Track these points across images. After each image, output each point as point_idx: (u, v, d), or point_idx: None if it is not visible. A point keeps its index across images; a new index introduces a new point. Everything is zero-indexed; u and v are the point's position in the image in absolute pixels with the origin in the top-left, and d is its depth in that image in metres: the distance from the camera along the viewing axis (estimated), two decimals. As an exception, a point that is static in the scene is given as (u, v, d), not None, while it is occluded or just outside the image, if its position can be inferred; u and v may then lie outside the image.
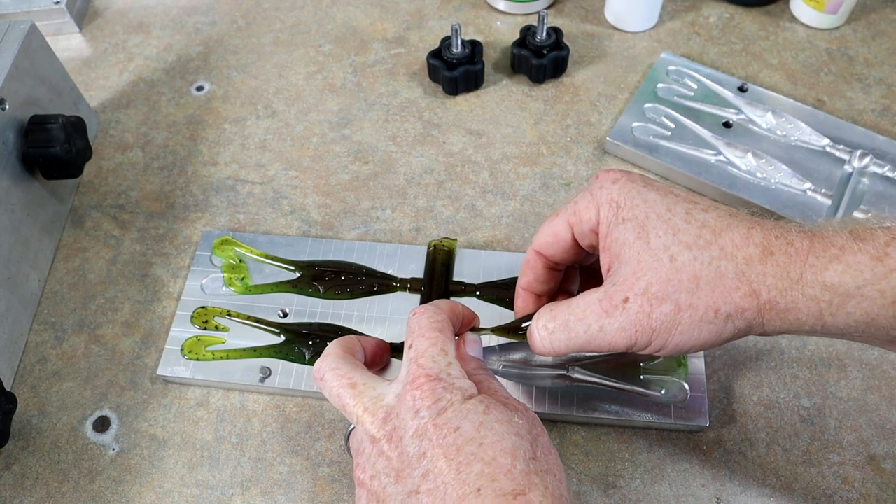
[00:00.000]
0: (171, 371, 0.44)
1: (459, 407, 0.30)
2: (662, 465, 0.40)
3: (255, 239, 0.49)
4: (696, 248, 0.30)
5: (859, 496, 0.39)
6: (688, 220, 0.31)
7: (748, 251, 0.30)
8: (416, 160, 0.54)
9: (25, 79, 0.48)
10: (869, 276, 0.27)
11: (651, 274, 0.30)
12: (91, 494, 0.41)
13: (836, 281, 0.28)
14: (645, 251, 0.31)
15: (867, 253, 0.28)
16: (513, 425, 0.30)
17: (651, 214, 0.31)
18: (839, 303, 0.28)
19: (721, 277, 0.30)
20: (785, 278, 0.29)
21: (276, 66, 0.62)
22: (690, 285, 0.30)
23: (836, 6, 0.58)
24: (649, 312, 0.30)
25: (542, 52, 0.56)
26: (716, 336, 0.30)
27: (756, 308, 0.30)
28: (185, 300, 0.47)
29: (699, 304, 0.30)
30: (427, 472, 0.29)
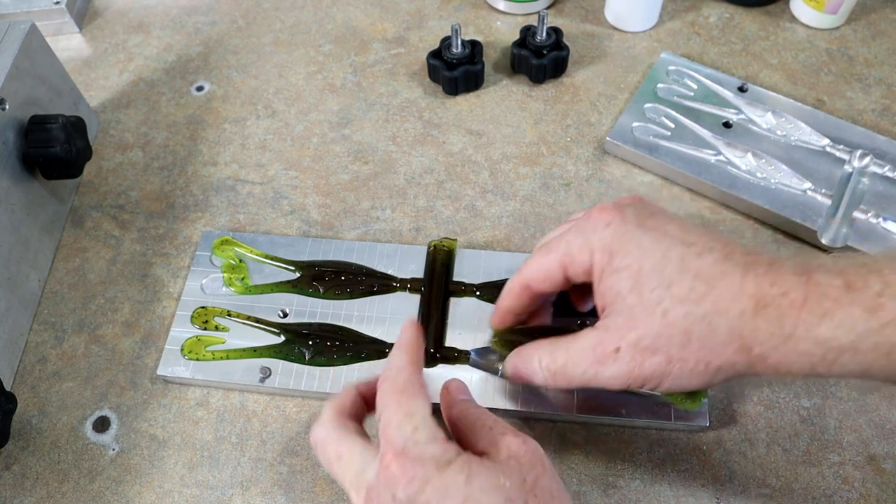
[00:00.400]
0: (171, 371, 0.44)
1: (437, 483, 0.28)
2: (662, 465, 0.40)
3: (255, 239, 0.49)
4: (688, 303, 0.30)
5: (859, 496, 0.39)
6: (682, 269, 0.31)
7: (741, 304, 0.30)
8: (416, 160, 0.54)
9: (25, 79, 0.48)
10: (862, 331, 0.27)
11: (643, 327, 0.31)
12: (91, 494, 0.41)
13: (830, 335, 0.28)
14: (638, 304, 0.31)
15: (860, 305, 0.27)
16: (501, 491, 0.29)
17: (645, 265, 0.31)
18: (832, 357, 0.28)
19: (713, 333, 0.30)
20: (777, 335, 0.29)
21: (276, 66, 0.62)
22: (682, 339, 0.30)
23: (836, 6, 0.58)
24: (641, 362, 0.31)
25: (542, 52, 0.56)
26: (706, 383, 0.31)
27: (747, 361, 0.30)
28: (185, 300, 0.47)
29: (690, 358, 0.30)
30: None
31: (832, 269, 0.29)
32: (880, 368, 0.28)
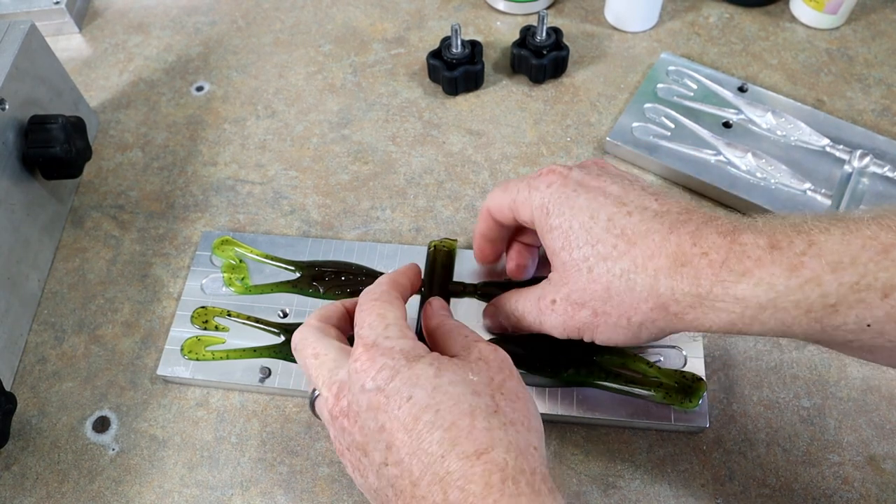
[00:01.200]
0: (170, 371, 0.44)
1: (407, 373, 0.30)
2: (662, 465, 0.40)
3: (255, 239, 0.49)
4: (610, 260, 0.32)
5: (859, 496, 0.39)
6: (608, 228, 0.32)
7: (658, 262, 0.31)
8: (416, 160, 0.54)
9: (25, 79, 0.48)
10: (782, 289, 0.27)
11: (572, 283, 0.34)
12: (91, 494, 0.41)
13: (748, 294, 0.28)
14: (568, 261, 0.34)
15: (782, 264, 0.28)
16: (468, 384, 0.30)
17: (574, 224, 0.33)
18: (752, 314, 0.28)
19: (631, 290, 0.31)
20: (693, 294, 0.30)
21: (276, 66, 0.62)
22: (604, 295, 0.32)
23: (836, 6, 0.58)
24: (572, 315, 0.34)
25: (542, 53, 0.56)
26: (633, 338, 0.33)
27: (665, 319, 0.31)
28: (185, 300, 0.47)
29: (612, 312, 0.32)
30: (389, 444, 0.29)
31: (760, 230, 0.29)
32: (801, 327, 0.28)
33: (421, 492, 0.28)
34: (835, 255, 0.27)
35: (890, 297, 0.26)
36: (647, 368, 0.41)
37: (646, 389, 0.41)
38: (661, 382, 0.41)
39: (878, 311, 0.26)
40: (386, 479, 0.29)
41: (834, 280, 0.26)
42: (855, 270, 0.26)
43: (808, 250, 0.27)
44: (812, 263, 0.27)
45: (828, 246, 0.27)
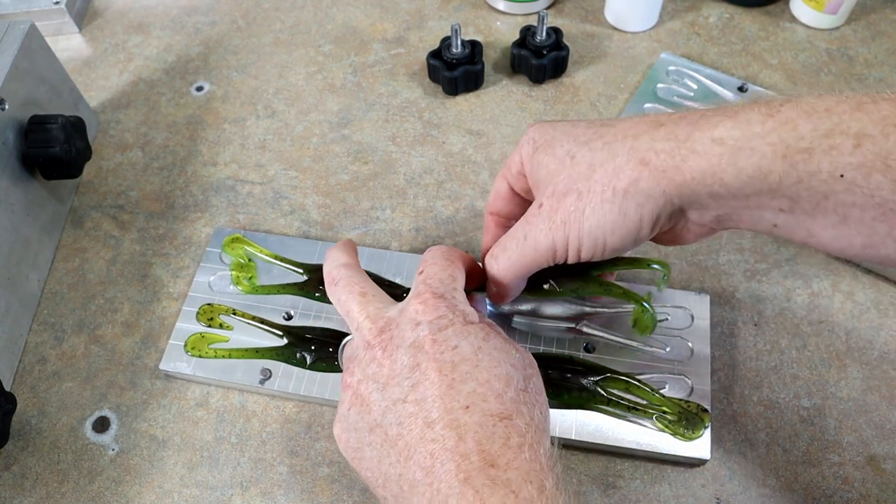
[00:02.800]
0: (173, 367, 0.44)
1: (461, 328, 0.31)
2: (662, 465, 0.40)
3: (265, 238, 0.49)
4: (591, 141, 0.33)
5: (859, 496, 0.39)
6: (588, 126, 0.34)
7: (639, 129, 0.32)
8: (416, 160, 0.54)
9: (25, 79, 0.48)
10: (759, 130, 0.28)
11: (556, 177, 0.33)
12: (91, 495, 0.41)
13: (726, 135, 0.29)
14: (552, 162, 0.34)
15: (760, 112, 0.28)
16: (509, 356, 0.31)
17: (557, 135, 0.34)
18: (729, 157, 0.28)
19: (613, 157, 0.32)
20: (672, 140, 0.30)
21: (276, 66, 0.62)
22: (587, 172, 0.32)
23: (836, 6, 0.58)
24: (557, 207, 0.33)
25: (542, 53, 0.56)
26: (622, 219, 0.31)
27: (649, 176, 0.30)
28: (192, 296, 0.47)
29: (596, 187, 0.32)
30: (417, 383, 0.30)
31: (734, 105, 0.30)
32: (778, 174, 0.28)
33: (433, 434, 0.28)
34: (810, 105, 0.27)
35: (862, 146, 0.26)
36: (651, 395, 0.40)
37: (647, 417, 0.40)
38: (664, 410, 0.40)
39: (850, 159, 0.26)
40: (395, 415, 0.30)
41: (808, 124, 0.27)
42: (829, 119, 0.27)
43: (786, 102, 0.28)
44: (788, 111, 0.28)
45: (805, 99, 0.28)
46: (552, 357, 0.42)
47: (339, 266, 0.37)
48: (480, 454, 0.27)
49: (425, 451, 0.28)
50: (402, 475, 0.29)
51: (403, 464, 0.29)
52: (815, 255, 0.47)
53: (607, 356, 0.42)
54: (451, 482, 0.27)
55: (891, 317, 0.45)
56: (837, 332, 0.44)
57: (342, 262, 0.37)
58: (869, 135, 0.26)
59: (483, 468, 0.27)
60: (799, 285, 0.46)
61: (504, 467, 0.27)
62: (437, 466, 0.27)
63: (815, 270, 0.47)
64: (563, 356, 0.42)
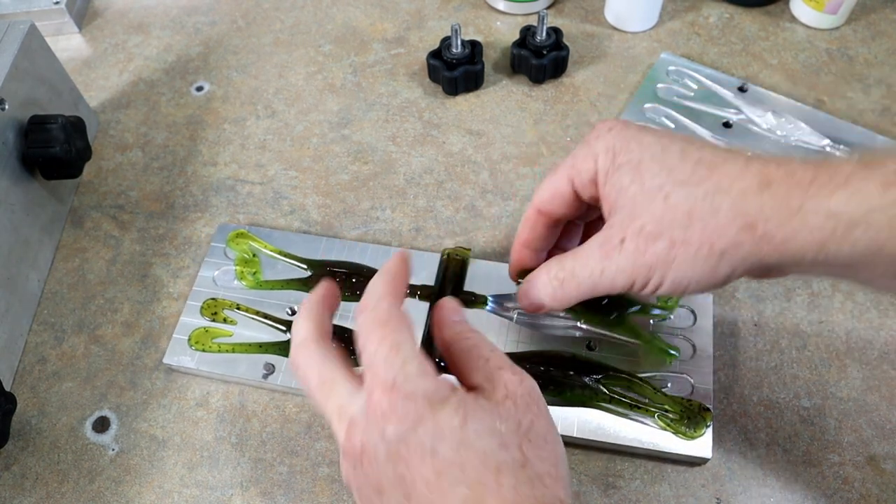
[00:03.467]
0: (176, 361, 0.44)
1: (431, 424, 0.27)
2: (662, 465, 0.40)
3: (269, 234, 0.49)
4: (690, 185, 0.30)
5: (859, 496, 0.39)
6: (683, 157, 0.31)
7: (745, 183, 0.29)
8: (416, 160, 0.54)
9: (25, 79, 0.48)
10: (877, 203, 0.26)
11: (646, 214, 0.30)
12: (91, 495, 0.41)
13: (842, 208, 0.27)
14: (640, 193, 0.31)
15: (875, 180, 0.26)
16: (495, 435, 0.27)
17: (645, 156, 0.31)
18: (844, 231, 0.27)
19: (716, 212, 0.29)
20: (784, 209, 0.28)
21: (276, 66, 0.62)
22: (685, 221, 0.30)
23: (836, 6, 0.58)
24: (644, 250, 0.30)
25: (542, 53, 0.56)
26: (711, 273, 0.30)
27: (752, 241, 0.29)
28: (196, 290, 0.47)
29: (693, 240, 0.30)
30: (408, 495, 0.27)
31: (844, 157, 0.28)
32: (893, 246, 0.26)
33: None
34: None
35: None
36: (654, 394, 0.40)
37: (649, 416, 0.40)
38: (666, 409, 0.40)
39: None
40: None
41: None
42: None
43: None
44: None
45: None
46: (554, 355, 0.42)
47: (296, 345, 0.32)
48: None
49: None
50: None
51: None
52: (815, 255, 0.47)
53: (609, 354, 0.42)
54: None
55: (891, 317, 0.45)
56: (837, 332, 0.44)
57: (300, 339, 0.32)
58: None
59: None
60: (799, 285, 0.46)
61: None
62: None
63: (815, 270, 0.47)
64: (564, 354, 0.42)
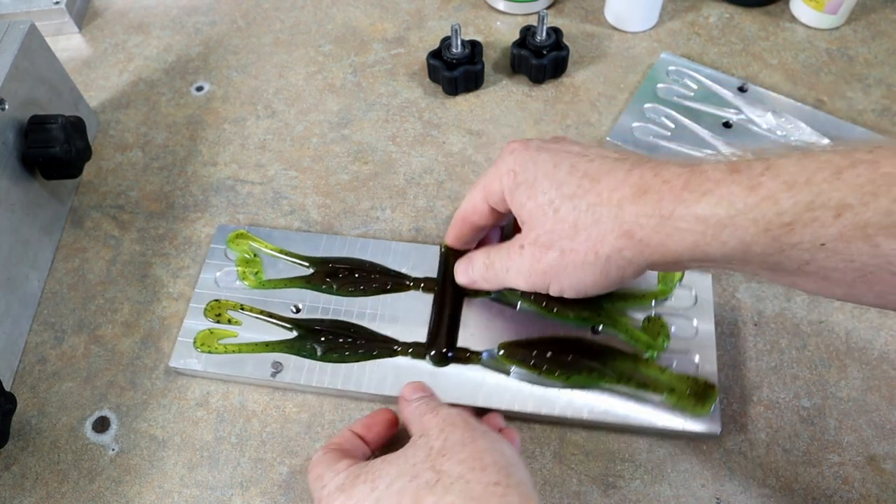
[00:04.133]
0: (183, 363, 0.44)
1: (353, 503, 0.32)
2: (662, 465, 0.40)
3: (269, 234, 0.49)
4: (575, 199, 0.33)
5: (859, 496, 0.39)
6: (571, 172, 0.34)
7: (622, 193, 0.32)
8: (416, 160, 0.54)
9: (25, 79, 0.48)
10: (741, 207, 0.28)
11: (539, 227, 0.35)
12: (91, 495, 0.41)
13: (709, 213, 0.29)
14: (535, 208, 0.35)
15: (741, 184, 0.29)
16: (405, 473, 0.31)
17: (539, 175, 0.35)
18: (713, 233, 0.29)
19: (597, 223, 0.32)
20: (656, 216, 0.31)
21: (276, 66, 0.62)
22: (571, 232, 0.33)
23: (836, 6, 0.58)
24: (539, 258, 0.35)
25: (542, 53, 0.56)
26: (603, 276, 0.34)
27: (632, 246, 0.32)
28: (198, 293, 0.47)
29: (580, 249, 0.33)
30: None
31: (721, 160, 0.30)
32: (760, 245, 0.28)
33: None
34: (791, 175, 0.28)
35: (842, 216, 0.27)
36: (659, 373, 0.41)
37: (657, 395, 0.40)
38: (672, 387, 0.40)
39: (831, 230, 0.27)
40: None
41: (789, 198, 0.27)
42: (809, 190, 0.27)
43: (766, 171, 0.29)
44: (769, 183, 0.28)
45: (785, 168, 0.28)
46: (560, 339, 0.43)
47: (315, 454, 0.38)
48: None
49: None
50: None
51: None
52: (815, 255, 0.47)
53: (614, 336, 0.43)
54: None
55: (891, 317, 0.45)
56: (837, 332, 0.44)
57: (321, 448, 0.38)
58: (849, 204, 0.26)
59: None
60: (799, 285, 0.46)
61: None
62: None
63: (815, 270, 0.47)
64: (570, 338, 0.43)
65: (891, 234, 0.26)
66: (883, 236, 0.26)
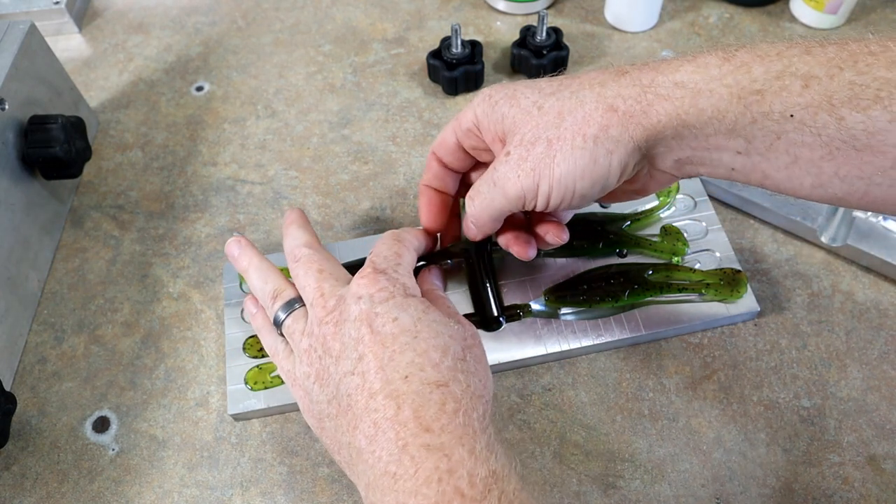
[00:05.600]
0: (242, 407, 0.42)
1: (401, 300, 0.33)
2: (662, 465, 0.40)
3: (279, 258, 0.47)
4: (558, 92, 0.34)
5: (859, 496, 0.39)
6: (551, 79, 0.35)
7: (604, 76, 0.33)
8: (416, 160, 0.54)
9: (25, 79, 0.48)
10: (716, 73, 0.30)
11: (523, 126, 0.34)
12: (91, 495, 0.41)
13: (686, 79, 0.31)
14: (518, 113, 0.34)
15: (717, 55, 0.30)
16: (448, 328, 0.33)
17: (519, 88, 0.35)
18: (691, 99, 0.30)
19: (581, 105, 0.33)
20: (637, 86, 0.32)
21: (276, 66, 0.62)
22: (556, 121, 0.33)
23: (836, 6, 0.58)
24: (526, 156, 0.34)
25: (542, 53, 0.56)
26: (592, 162, 0.33)
27: (618, 122, 0.32)
28: (229, 335, 0.45)
29: (566, 135, 0.33)
30: (362, 355, 0.31)
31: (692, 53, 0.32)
32: (734, 114, 0.30)
33: (375, 404, 0.30)
34: (763, 50, 0.30)
35: (809, 86, 0.28)
36: (691, 274, 0.45)
37: (696, 293, 0.44)
38: (707, 283, 0.44)
39: (798, 99, 0.28)
40: (346, 387, 0.32)
41: (761, 67, 0.29)
42: (780, 62, 0.29)
43: (741, 48, 0.30)
44: (743, 55, 0.30)
45: (759, 45, 0.30)
46: (595, 272, 0.46)
47: (299, 245, 0.38)
48: (417, 421, 0.29)
49: (369, 420, 0.30)
50: (350, 443, 0.31)
51: (352, 433, 0.31)
52: (814, 255, 0.47)
53: (641, 253, 0.46)
54: (391, 449, 0.29)
55: (891, 317, 0.45)
56: (837, 332, 0.44)
57: (303, 241, 0.39)
58: (816, 76, 0.28)
59: (418, 434, 0.29)
60: (799, 285, 0.46)
61: (438, 432, 0.29)
62: (378, 435, 0.29)
63: (815, 270, 0.47)
64: (604, 268, 0.46)
65: (854, 105, 0.27)
66: (847, 108, 0.27)
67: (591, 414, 0.42)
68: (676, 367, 0.43)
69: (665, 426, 0.41)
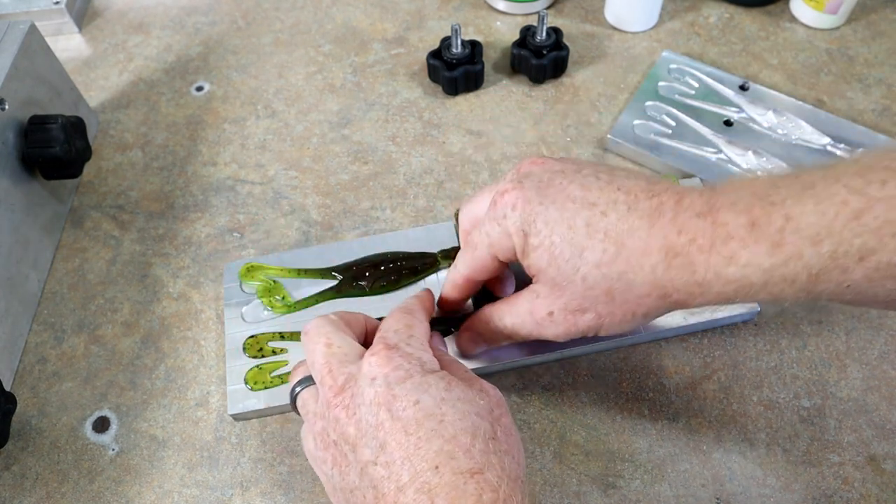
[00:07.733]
0: (242, 407, 0.42)
1: (420, 380, 0.30)
2: (662, 465, 0.40)
3: (279, 258, 0.48)
4: (603, 266, 0.32)
5: (859, 496, 0.39)
6: (589, 234, 0.32)
7: (653, 259, 0.32)
8: (416, 160, 0.54)
9: (25, 79, 0.48)
10: (768, 267, 0.29)
11: (568, 294, 0.34)
12: (91, 495, 0.41)
13: (739, 276, 0.30)
14: (558, 275, 0.33)
15: (764, 242, 0.29)
16: (474, 405, 0.30)
17: (555, 239, 0.33)
18: (745, 292, 0.31)
19: (631, 288, 0.32)
20: (690, 282, 0.31)
21: (276, 66, 0.62)
22: (606, 298, 0.33)
23: (836, 6, 0.58)
24: (574, 322, 0.34)
25: (542, 53, 0.56)
26: (637, 324, 0.35)
27: (669, 304, 0.33)
28: (229, 335, 0.45)
29: (616, 312, 0.33)
30: (384, 443, 0.29)
31: (737, 206, 0.31)
32: (790, 296, 0.30)
33: (406, 499, 0.28)
34: (812, 227, 0.28)
35: (865, 260, 0.28)
36: None
37: None
38: None
39: (855, 275, 0.28)
40: (369, 478, 0.29)
41: (814, 252, 0.28)
42: (832, 240, 0.28)
43: (786, 226, 0.29)
44: (792, 239, 0.29)
45: (804, 219, 0.29)
46: None
47: (316, 318, 0.36)
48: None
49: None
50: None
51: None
52: (815, 255, 0.47)
53: None
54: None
55: (891, 317, 0.45)
56: (837, 332, 0.44)
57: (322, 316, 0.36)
58: (871, 249, 0.28)
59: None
60: (799, 285, 0.46)
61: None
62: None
63: (815, 270, 0.47)
64: None
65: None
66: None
67: (591, 414, 0.42)
68: (676, 367, 0.43)
69: (665, 426, 0.41)
